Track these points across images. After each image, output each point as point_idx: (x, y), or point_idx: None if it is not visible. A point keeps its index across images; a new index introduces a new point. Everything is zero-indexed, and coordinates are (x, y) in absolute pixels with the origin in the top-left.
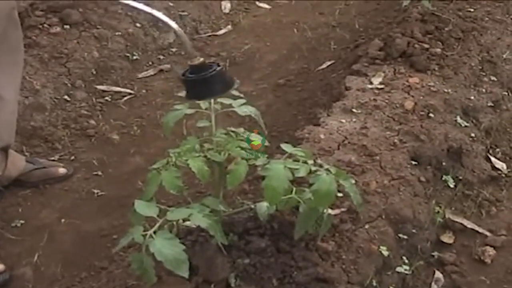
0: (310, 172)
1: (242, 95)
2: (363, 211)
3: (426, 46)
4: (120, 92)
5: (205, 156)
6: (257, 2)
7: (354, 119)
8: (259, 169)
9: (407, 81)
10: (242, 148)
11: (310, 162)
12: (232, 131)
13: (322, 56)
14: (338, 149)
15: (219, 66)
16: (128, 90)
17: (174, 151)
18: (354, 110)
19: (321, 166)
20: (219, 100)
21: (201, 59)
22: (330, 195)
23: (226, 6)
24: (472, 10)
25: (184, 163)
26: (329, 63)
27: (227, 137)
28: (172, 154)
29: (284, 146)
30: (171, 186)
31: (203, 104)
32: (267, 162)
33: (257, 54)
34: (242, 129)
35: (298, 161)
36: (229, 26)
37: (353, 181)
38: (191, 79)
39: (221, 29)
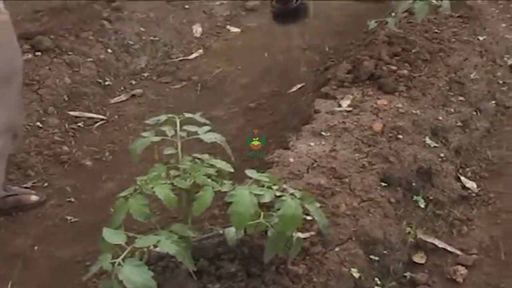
0: (276, 197)
1: (208, 122)
2: (330, 234)
3: (394, 68)
4: (93, 118)
5: (172, 183)
6: (228, 26)
7: (323, 142)
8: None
9: (376, 103)
10: (208, 175)
11: (275, 187)
12: (198, 158)
13: (292, 79)
14: (308, 172)
15: None
16: (101, 116)
17: (141, 178)
18: (323, 133)
19: (286, 191)
20: (184, 127)
21: None
22: (296, 219)
23: (197, 30)
24: (438, 31)
25: (151, 190)
26: (299, 85)
27: (193, 164)
28: (139, 182)
29: (249, 172)
30: (139, 214)
31: (169, 131)
32: (232, 188)
33: (229, 78)
34: (207, 156)
35: (263, 186)
36: (201, 50)
37: (318, 205)
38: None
39: (192, 53)
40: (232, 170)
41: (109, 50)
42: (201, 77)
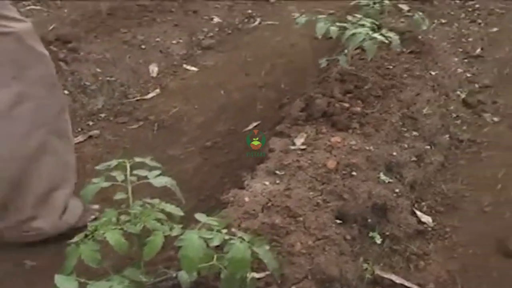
0: (225, 240)
1: (158, 165)
2: (283, 274)
3: (347, 105)
4: None
5: (122, 228)
6: (184, 65)
7: (277, 181)
8: None
9: (329, 140)
10: (158, 220)
11: (224, 231)
12: (148, 203)
13: (248, 117)
14: (262, 211)
15: None
16: None
17: (92, 224)
18: (277, 172)
19: (234, 234)
20: (135, 171)
21: None
22: (245, 262)
23: (154, 69)
24: (391, 67)
25: (102, 236)
26: (255, 124)
27: (143, 209)
28: (90, 227)
29: (198, 216)
30: (90, 260)
31: (119, 177)
32: (182, 232)
33: (185, 117)
34: (157, 200)
35: (212, 230)
36: (158, 90)
37: (268, 247)
38: None
39: (149, 93)
40: (181, 213)
41: (66, 92)
42: (158, 116)
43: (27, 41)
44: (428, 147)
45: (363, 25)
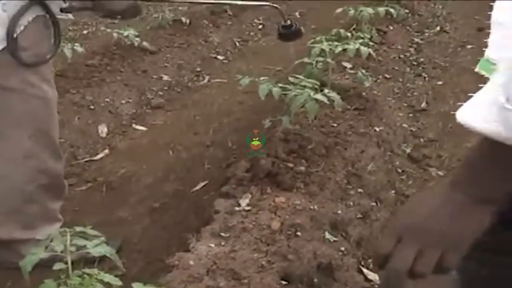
0: None
1: (100, 234)
2: None
3: (291, 165)
4: None
5: None
6: (133, 125)
7: (222, 243)
8: None
9: (274, 201)
10: None
11: None
12: (87, 274)
13: (196, 177)
14: (207, 274)
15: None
16: None
17: None
18: (222, 234)
19: None
20: (74, 241)
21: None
22: None
23: (103, 130)
24: (335, 125)
25: None
26: (202, 184)
27: (81, 280)
28: None
29: (135, 285)
30: None
31: (58, 247)
32: None
33: (134, 177)
34: (96, 270)
35: None
36: (107, 150)
37: None
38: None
39: (98, 153)
40: (120, 283)
41: None
42: (107, 177)
43: (52, 109)
44: (374, 203)
45: (304, 86)
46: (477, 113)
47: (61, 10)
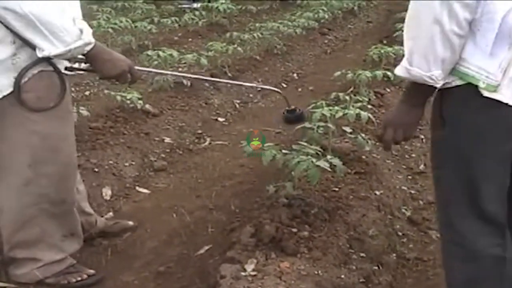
0: None
1: None
2: None
3: (294, 230)
4: None
5: None
6: (137, 187)
7: None
8: None
9: (279, 266)
10: None
11: None
12: None
13: (200, 241)
14: None
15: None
16: None
17: None
18: None
19: None
20: None
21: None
22: None
23: (107, 193)
24: (336, 189)
25: None
26: (206, 247)
27: None
28: None
29: None
30: None
31: None
32: None
33: (138, 241)
34: None
35: None
36: (111, 213)
37: None
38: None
39: (102, 216)
40: None
41: None
42: (111, 241)
43: (53, 142)
44: (376, 267)
45: (307, 154)
46: (401, 71)
47: (65, 68)
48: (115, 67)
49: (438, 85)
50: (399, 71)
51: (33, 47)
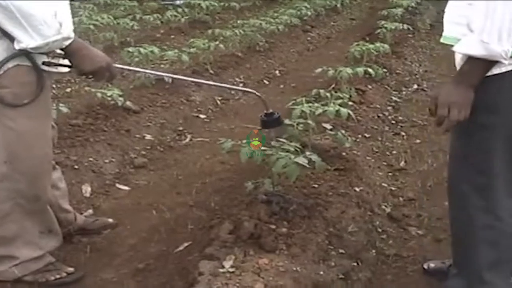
0: None
1: None
2: None
3: (273, 227)
4: None
5: None
6: (117, 185)
7: None
8: None
9: (257, 262)
10: None
11: None
12: None
13: (180, 237)
14: None
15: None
16: None
17: None
18: None
19: None
20: None
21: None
22: None
23: (87, 190)
24: (316, 186)
25: None
26: (186, 244)
27: None
28: None
29: None
30: None
31: None
32: None
33: (118, 238)
34: None
35: None
36: (90, 210)
37: None
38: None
39: (82, 213)
40: None
41: None
42: (91, 238)
43: (28, 141)
44: (355, 263)
45: (287, 150)
46: (474, 48)
47: (43, 63)
48: (92, 63)
49: (506, 62)
50: (471, 48)
51: (11, 39)
